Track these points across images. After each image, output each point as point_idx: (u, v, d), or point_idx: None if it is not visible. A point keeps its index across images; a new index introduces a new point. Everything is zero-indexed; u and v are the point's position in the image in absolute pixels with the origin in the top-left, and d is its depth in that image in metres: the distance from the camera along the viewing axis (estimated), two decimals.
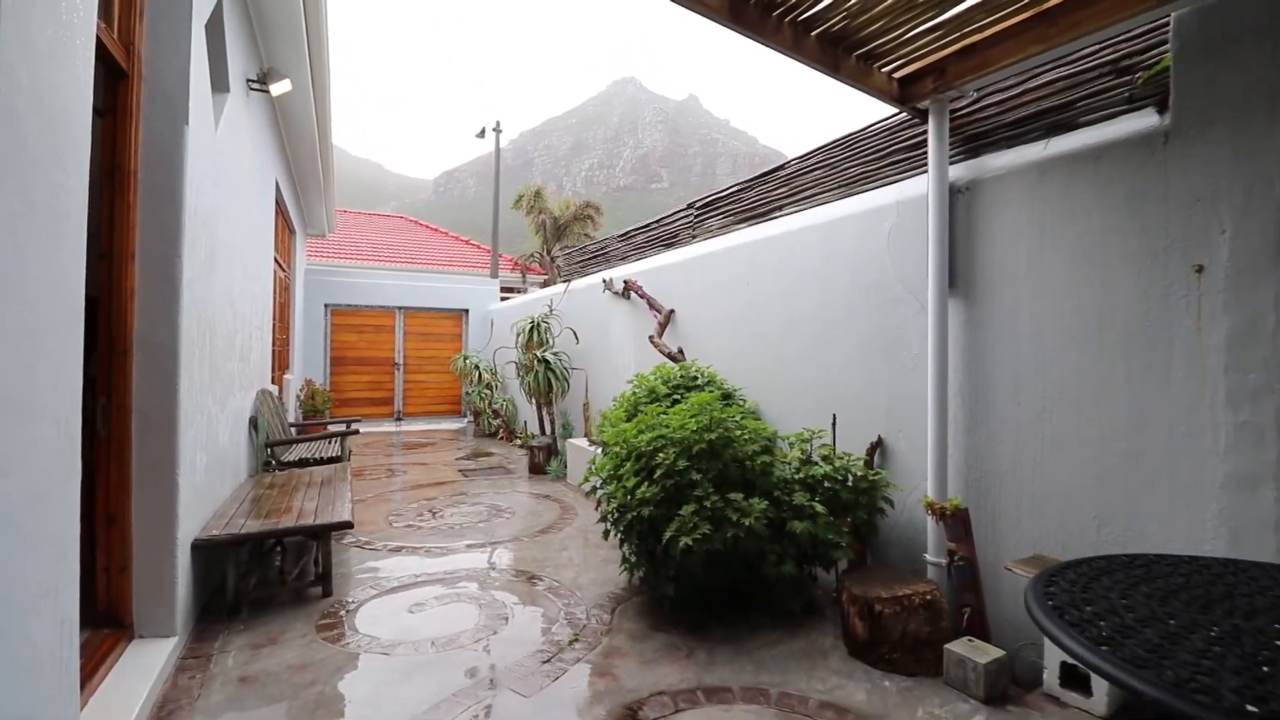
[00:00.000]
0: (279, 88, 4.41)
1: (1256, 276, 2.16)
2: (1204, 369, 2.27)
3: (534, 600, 3.54)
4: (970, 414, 3.05)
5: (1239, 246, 2.20)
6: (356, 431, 6.38)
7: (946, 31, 2.79)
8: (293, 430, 6.96)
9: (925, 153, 3.23)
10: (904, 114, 3.38)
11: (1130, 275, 2.48)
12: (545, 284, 14.95)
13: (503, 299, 13.12)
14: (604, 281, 7.01)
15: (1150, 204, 2.43)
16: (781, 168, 4.77)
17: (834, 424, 3.74)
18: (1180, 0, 2.23)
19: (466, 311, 12.90)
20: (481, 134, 18.79)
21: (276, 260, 6.70)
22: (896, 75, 3.15)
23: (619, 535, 3.45)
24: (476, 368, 10.34)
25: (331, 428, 7.77)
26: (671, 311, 5.75)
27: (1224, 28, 2.25)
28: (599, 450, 3.92)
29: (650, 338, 5.80)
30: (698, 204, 5.94)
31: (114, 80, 2.48)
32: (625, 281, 6.51)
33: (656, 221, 6.77)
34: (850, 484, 3.27)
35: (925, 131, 3.23)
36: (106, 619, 2.61)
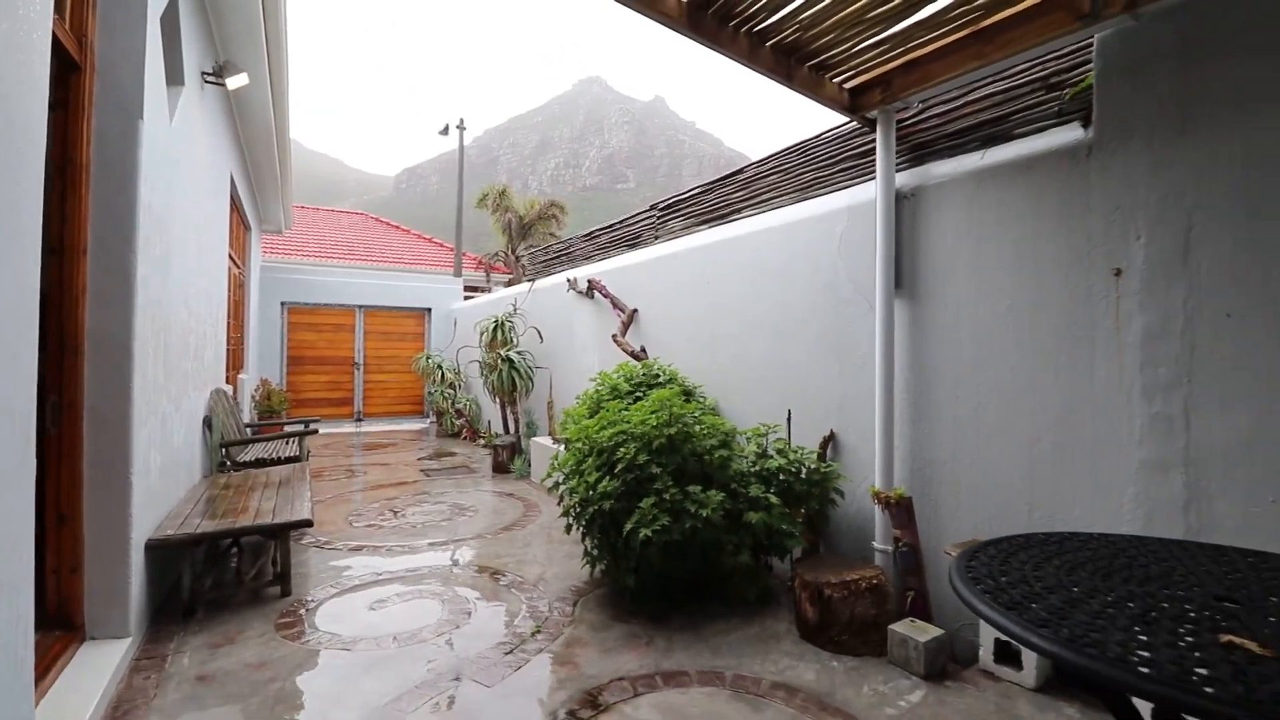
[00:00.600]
0: (236, 81, 4.34)
1: (1168, 279, 2.36)
2: (1121, 365, 2.46)
3: (497, 595, 3.58)
4: (914, 408, 3.21)
5: (1152, 252, 2.40)
6: (315, 431, 6.29)
7: (892, 46, 2.94)
8: (248, 431, 6.81)
9: (874, 160, 3.39)
10: (854, 123, 3.54)
11: (1058, 278, 2.67)
12: (510, 283, 14.88)
13: (466, 298, 13.02)
14: (568, 281, 7.06)
15: (1075, 211, 2.62)
16: (740, 171, 4.90)
17: (789, 419, 3.88)
18: (1102, 23, 2.41)
19: (429, 310, 12.76)
20: (445, 131, 18.61)
21: (231, 257, 6.56)
22: (847, 86, 3.29)
23: (581, 529, 3.52)
24: (439, 367, 10.26)
25: (289, 428, 7.62)
26: (635, 311, 5.84)
27: (1140, 49, 2.45)
28: (562, 447, 3.98)
29: (614, 337, 5.88)
30: (660, 205, 6.05)
31: (66, 72, 2.44)
32: (589, 281, 6.57)
33: (620, 222, 6.85)
34: (804, 476, 3.41)
35: (874, 140, 3.39)
36: (57, 621, 2.56)
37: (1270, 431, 2.10)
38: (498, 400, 7.98)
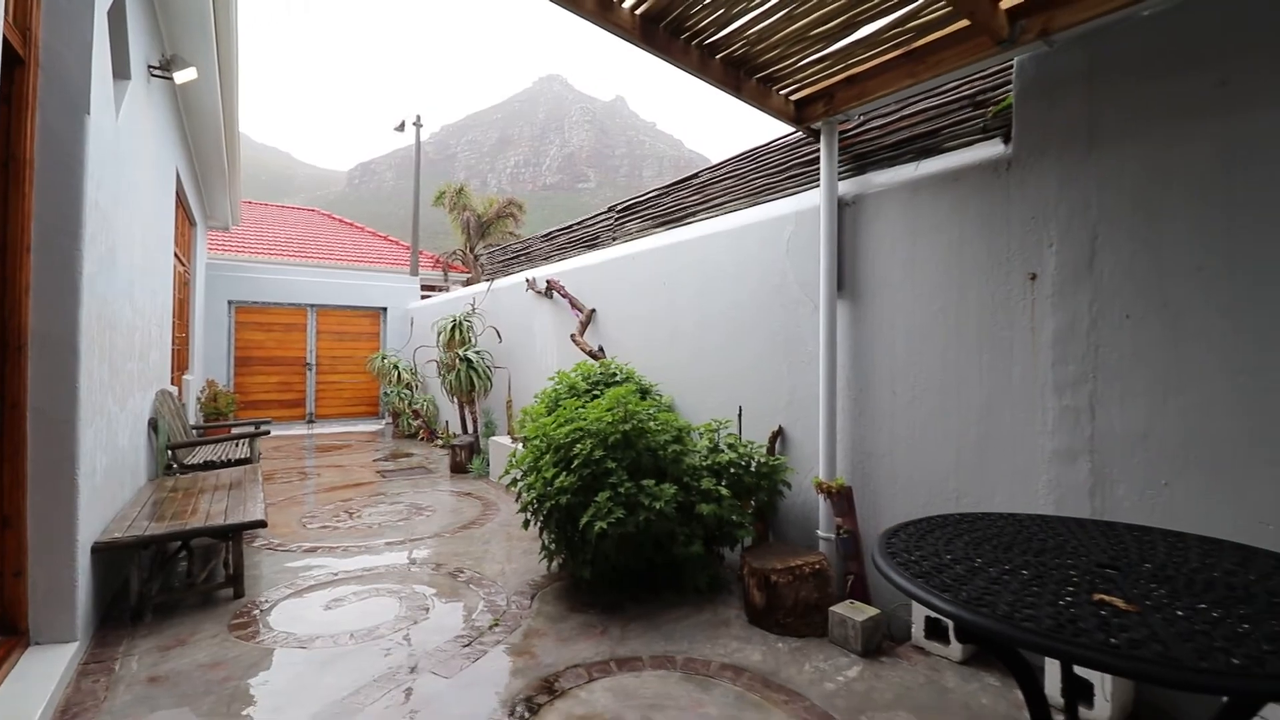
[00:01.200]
0: (184, 75, 4.25)
1: (1076, 284, 2.59)
2: (1036, 362, 2.69)
3: (455, 592, 3.63)
4: (855, 403, 3.41)
5: (1063, 258, 2.63)
6: (267, 432, 6.17)
7: (833, 62, 3.11)
8: (195, 433, 6.63)
9: (819, 169, 3.57)
10: (800, 133, 3.72)
11: (981, 282, 2.89)
12: (468, 282, 14.75)
13: (423, 297, 12.87)
14: (527, 281, 7.10)
15: (996, 220, 2.84)
16: (695, 176, 5.05)
17: (740, 415, 4.04)
18: (1019, 48, 2.63)
19: (385, 310, 12.56)
20: (401, 127, 18.28)
21: (176, 255, 6.37)
22: (793, 98, 3.46)
23: (538, 524, 3.60)
24: (396, 367, 10.13)
25: (239, 430, 7.43)
26: (593, 311, 5.93)
27: (1053, 73, 2.67)
28: (520, 445, 4.05)
29: (572, 336, 5.96)
30: (618, 207, 6.15)
31: (9, 67, 2.39)
32: (548, 281, 6.63)
33: (579, 223, 6.93)
34: (753, 469, 3.57)
35: (819, 150, 3.56)
36: (0, 626, 2.50)
37: (1162, 422, 2.34)
38: (456, 400, 7.96)
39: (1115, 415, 2.46)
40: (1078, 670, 2.34)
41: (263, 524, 3.49)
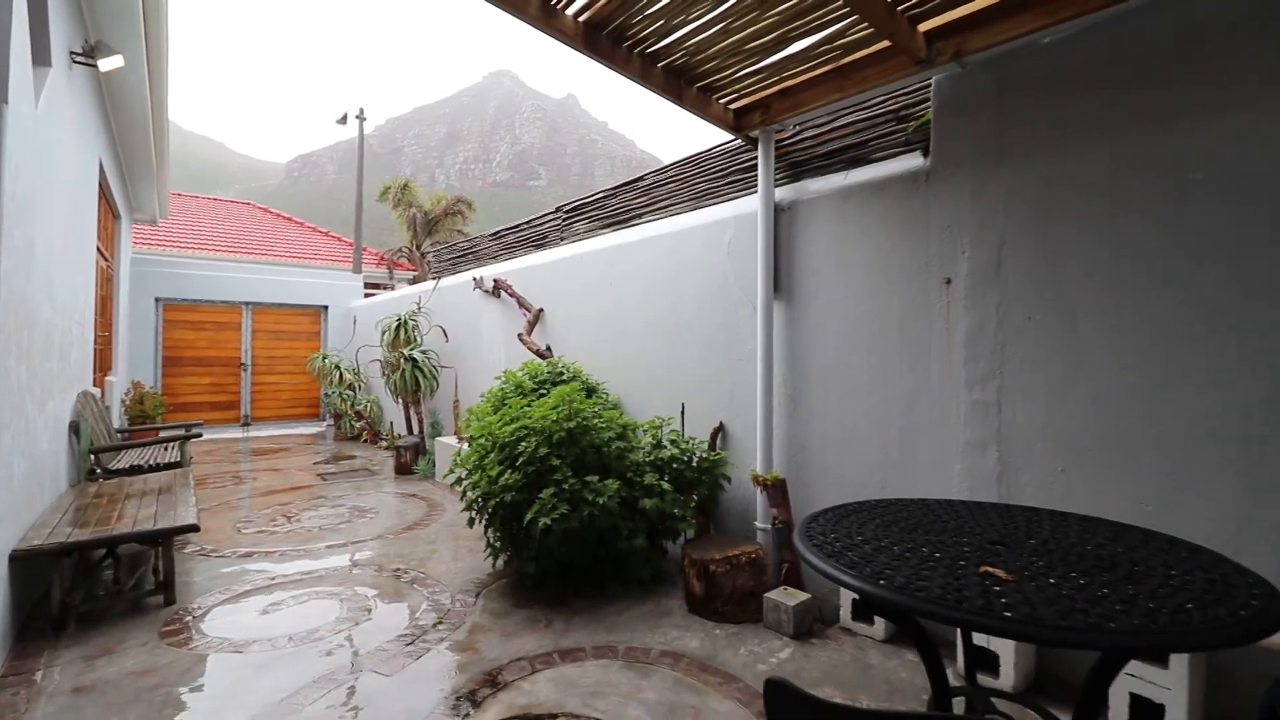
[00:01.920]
0: (109, 63, 4.07)
1: (985, 288, 2.80)
2: (951, 360, 2.90)
3: (398, 593, 3.61)
4: (791, 400, 3.57)
5: (974, 264, 2.84)
6: (198, 435, 5.94)
7: (769, 75, 3.26)
8: (120, 437, 6.32)
9: (757, 175, 3.72)
10: (740, 140, 3.86)
11: (903, 285, 3.09)
12: (415, 280, 14.48)
13: (367, 295, 12.56)
14: (474, 280, 7.06)
15: (917, 228, 3.04)
16: (642, 179, 5.15)
17: (682, 412, 4.17)
18: (935, 68, 2.83)
19: (325, 308, 12.19)
20: (343, 120, 17.75)
21: (99, 249, 6.06)
22: (732, 107, 3.60)
23: (483, 522, 3.62)
24: (337, 368, 9.87)
25: (167, 433, 7.11)
26: (540, 310, 5.96)
27: (966, 93, 2.88)
28: (466, 444, 4.05)
29: (520, 335, 5.97)
30: (566, 207, 6.20)
31: None
32: (495, 280, 6.62)
33: (527, 222, 6.93)
34: (695, 464, 3.69)
35: (757, 157, 3.72)
36: None
37: (1059, 414, 2.57)
38: (401, 401, 7.83)
39: (1019, 409, 2.68)
40: (987, 644, 2.55)
41: (195, 529, 3.39)
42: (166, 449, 5.72)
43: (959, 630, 2.46)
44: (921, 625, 1.64)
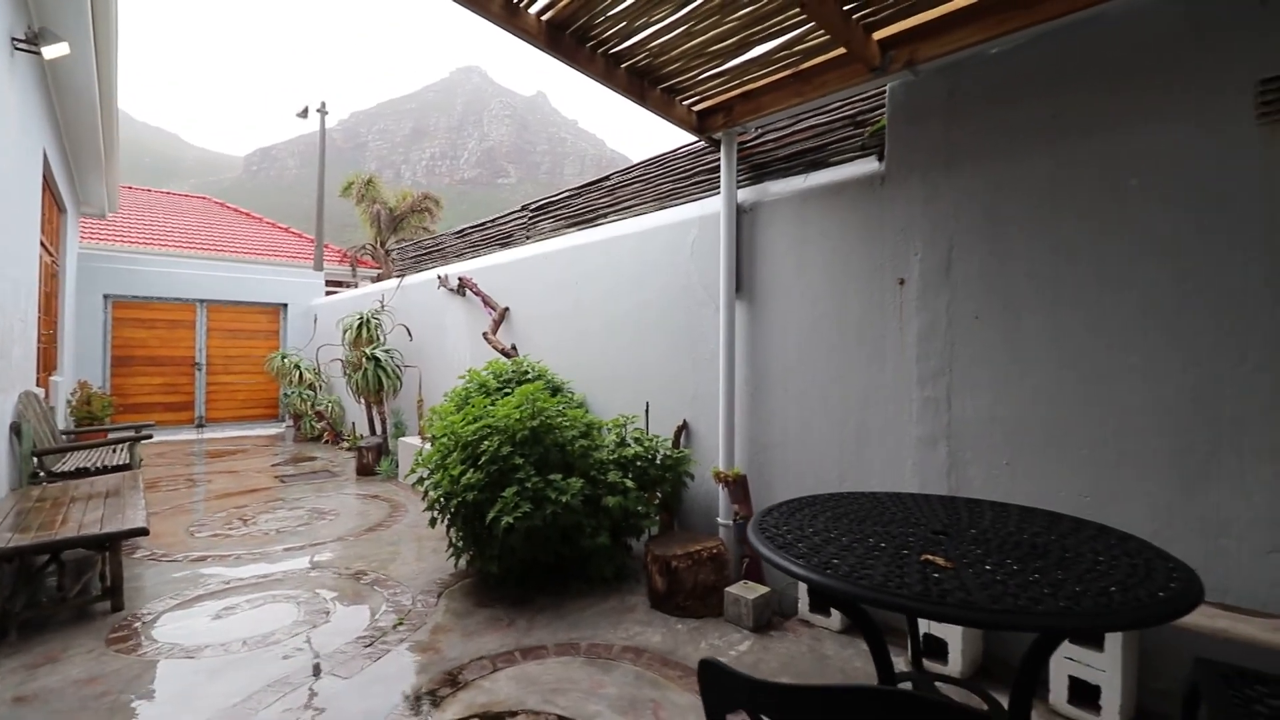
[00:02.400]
0: (54, 50, 3.91)
1: (936, 288, 2.90)
2: (904, 358, 2.99)
3: (358, 595, 3.56)
4: (752, 397, 3.63)
5: (926, 266, 2.94)
6: (149, 436, 5.74)
7: (731, 78, 3.31)
8: (65, 439, 6.07)
9: (720, 176, 3.77)
10: (703, 142, 3.91)
11: (860, 286, 3.17)
12: (379, 278, 14.24)
13: (329, 293, 12.29)
14: (439, 278, 6.98)
15: (873, 230, 3.13)
16: (607, 178, 5.17)
17: (647, 410, 4.20)
18: (889, 76, 2.91)
19: (285, 306, 11.89)
20: (304, 114, 17.32)
21: (43, 243, 5.81)
22: (695, 109, 3.64)
23: (445, 523, 3.59)
24: (297, 367, 9.64)
25: (116, 435, 6.85)
26: (506, 309, 5.92)
27: (919, 100, 2.98)
28: (429, 444, 4.02)
29: (485, 334, 5.93)
30: (532, 206, 6.18)
31: None
32: (460, 279, 6.56)
33: (492, 221, 6.89)
34: (658, 462, 3.73)
35: (720, 159, 3.77)
36: None
37: (1004, 410, 2.68)
38: (363, 401, 7.69)
39: (968, 404, 2.79)
40: (936, 631, 2.64)
41: (144, 533, 3.29)
42: (115, 451, 5.52)
43: (907, 618, 2.54)
44: (867, 612, 1.70)
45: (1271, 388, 2.09)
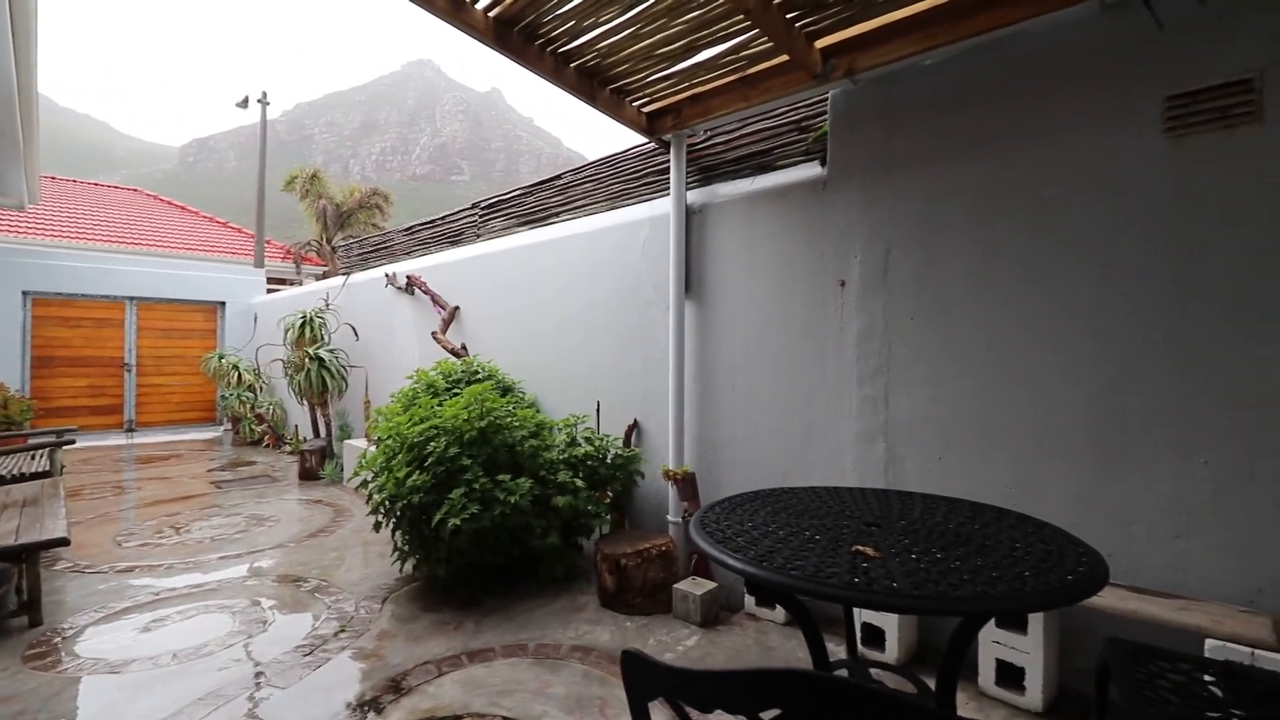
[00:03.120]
0: None
1: (874, 290, 3.00)
2: (844, 358, 3.08)
3: (298, 603, 3.45)
4: (701, 396, 3.69)
5: (865, 268, 3.04)
6: (72, 442, 5.42)
7: (679, 80, 3.35)
8: None
9: (670, 178, 3.81)
10: (653, 143, 3.94)
11: (803, 287, 3.26)
12: (324, 276, 13.79)
13: (270, 291, 11.84)
14: (387, 276, 6.82)
15: (815, 233, 3.22)
16: (559, 177, 5.15)
17: (598, 410, 4.21)
18: (830, 83, 3.00)
19: (223, 304, 11.40)
20: (244, 103, 16.64)
21: None
22: (644, 110, 3.67)
23: (391, 525, 3.52)
24: (235, 368, 9.26)
25: (36, 440, 6.43)
26: (456, 308, 5.83)
27: (859, 108, 3.08)
28: (373, 446, 3.92)
29: (434, 334, 5.82)
30: (482, 204, 6.10)
31: None
32: (409, 277, 6.42)
33: (442, 218, 6.76)
34: (609, 461, 3.74)
35: (670, 160, 3.81)
36: None
37: (937, 408, 2.80)
38: (306, 403, 7.44)
39: (904, 402, 2.90)
40: (872, 620, 2.74)
41: (65, 543, 3.11)
42: (34, 457, 5.20)
43: (843, 607, 2.63)
44: (802, 603, 1.76)
45: (1178, 383, 2.25)
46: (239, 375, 9.24)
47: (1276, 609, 2.06)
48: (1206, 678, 1.62)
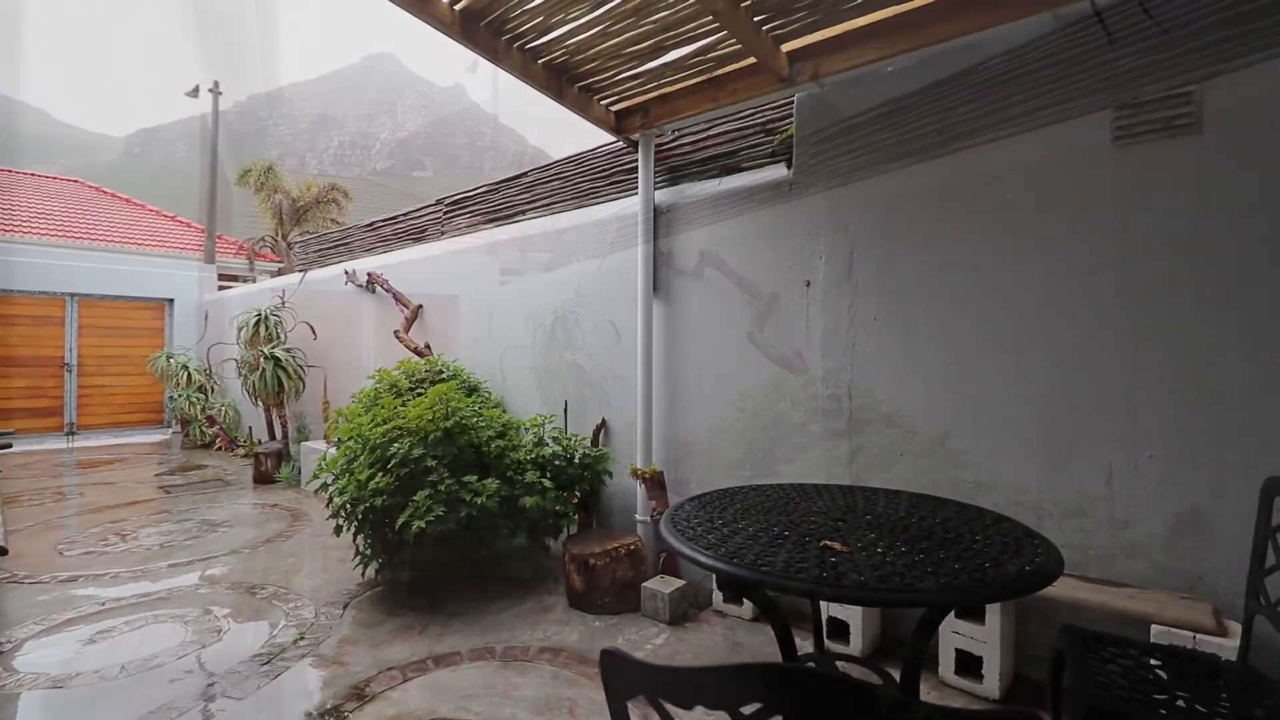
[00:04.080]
0: None
1: (839, 290, 3.06)
2: (810, 356, 3.13)
3: (255, 610, 3.33)
4: (669, 395, 3.70)
5: (830, 268, 3.09)
6: (8, 445, 5.14)
7: (647, 80, 3.35)
8: None
9: (638, 177, 3.81)
10: (621, 142, 3.94)
11: (770, 286, 3.30)
12: (280, 273, 13.36)
13: (222, 288, 11.42)
14: (347, 274, 6.65)
15: (781, 234, 3.26)
16: (524, 175, 5.09)
17: (565, 409, 4.18)
18: (796, 87, 3.04)
19: (171, 301, 10.93)
20: (194, 92, 15.97)
21: None
22: (613, 109, 3.66)
23: (352, 529, 3.43)
24: (185, 368, 8.90)
25: None
26: (419, 307, 5.73)
27: (824, 111, 3.13)
28: (334, 448, 3.82)
29: (396, 333, 5.70)
30: (447, 201, 6.00)
31: None
32: (370, 275, 6.28)
33: (405, 214, 6.63)
34: (577, 461, 3.72)
35: (638, 159, 3.81)
36: None
37: (900, 405, 2.87)
38: (261, 404, 7.21)
39: (866, 400, 2.96)
40: (837, 613, 2.79)
41: (1, 552, 2.95)
42: None
43: (810, 601, 2.68)
44: (771, 598, 1.78)
45: (1122, 382, 2.35)
46: (189, 375, 8.89)
47: (1215, 595, 2.18)
48: (1153, 662, 1.70)
